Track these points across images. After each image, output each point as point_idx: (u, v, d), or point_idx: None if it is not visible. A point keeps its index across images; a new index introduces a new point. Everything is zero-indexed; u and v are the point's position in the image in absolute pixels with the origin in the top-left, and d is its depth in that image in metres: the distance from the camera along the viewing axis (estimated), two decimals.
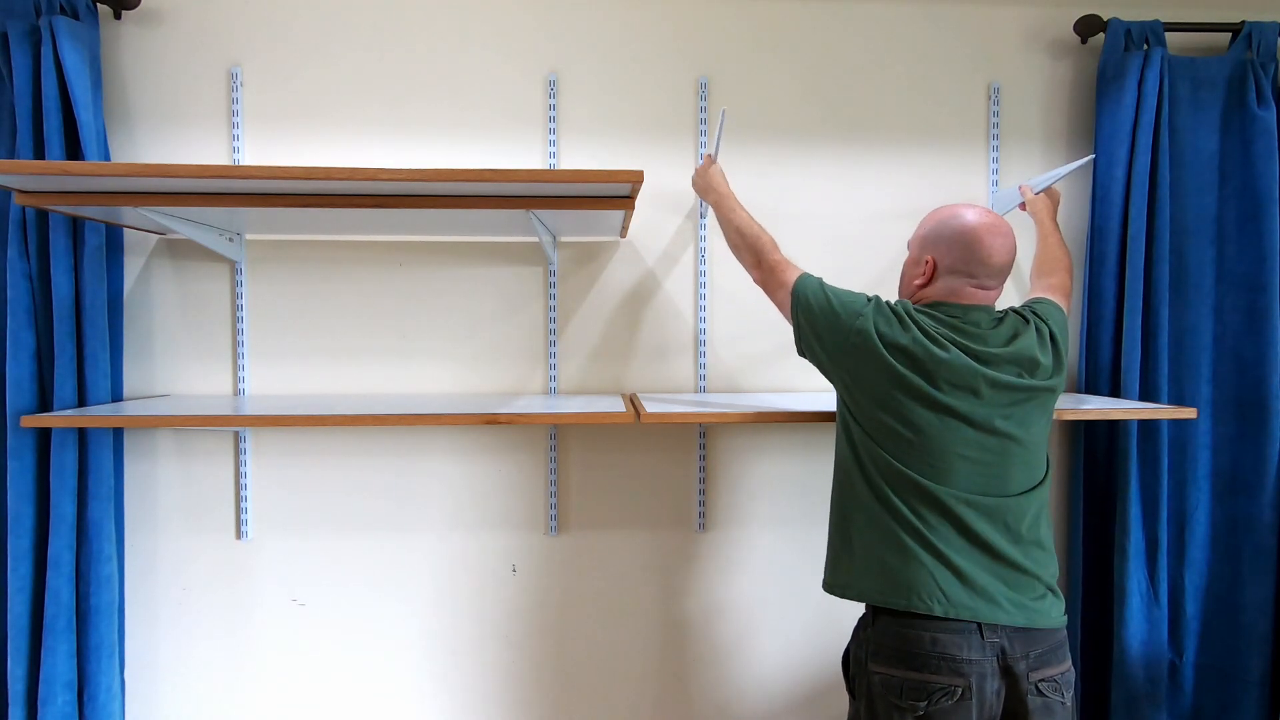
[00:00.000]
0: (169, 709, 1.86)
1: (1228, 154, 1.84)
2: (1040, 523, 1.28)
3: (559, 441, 1.88)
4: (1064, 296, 1.52)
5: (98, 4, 1.72)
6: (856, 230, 1.89)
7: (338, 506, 1.86)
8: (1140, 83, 1.79)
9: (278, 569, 1.86)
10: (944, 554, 1.22)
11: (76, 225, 1.68)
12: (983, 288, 1.31)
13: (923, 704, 1.20)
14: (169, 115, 1.80)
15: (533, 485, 1.89)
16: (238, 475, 1.84)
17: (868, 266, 1.90)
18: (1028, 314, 1.35)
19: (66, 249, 1.66)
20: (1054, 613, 1.24)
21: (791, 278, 1.40)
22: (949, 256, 1.30)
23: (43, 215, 1.67)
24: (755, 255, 1.48)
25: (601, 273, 1.88)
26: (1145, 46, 1.80)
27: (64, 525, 1.66)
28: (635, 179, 1.37)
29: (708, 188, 1.62)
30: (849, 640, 1.37)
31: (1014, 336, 1.29)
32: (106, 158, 1.71)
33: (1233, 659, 1.85)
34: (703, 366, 1.89)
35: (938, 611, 1.20)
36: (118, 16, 1.78)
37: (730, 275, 1.89)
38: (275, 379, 1.84)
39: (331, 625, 1.88)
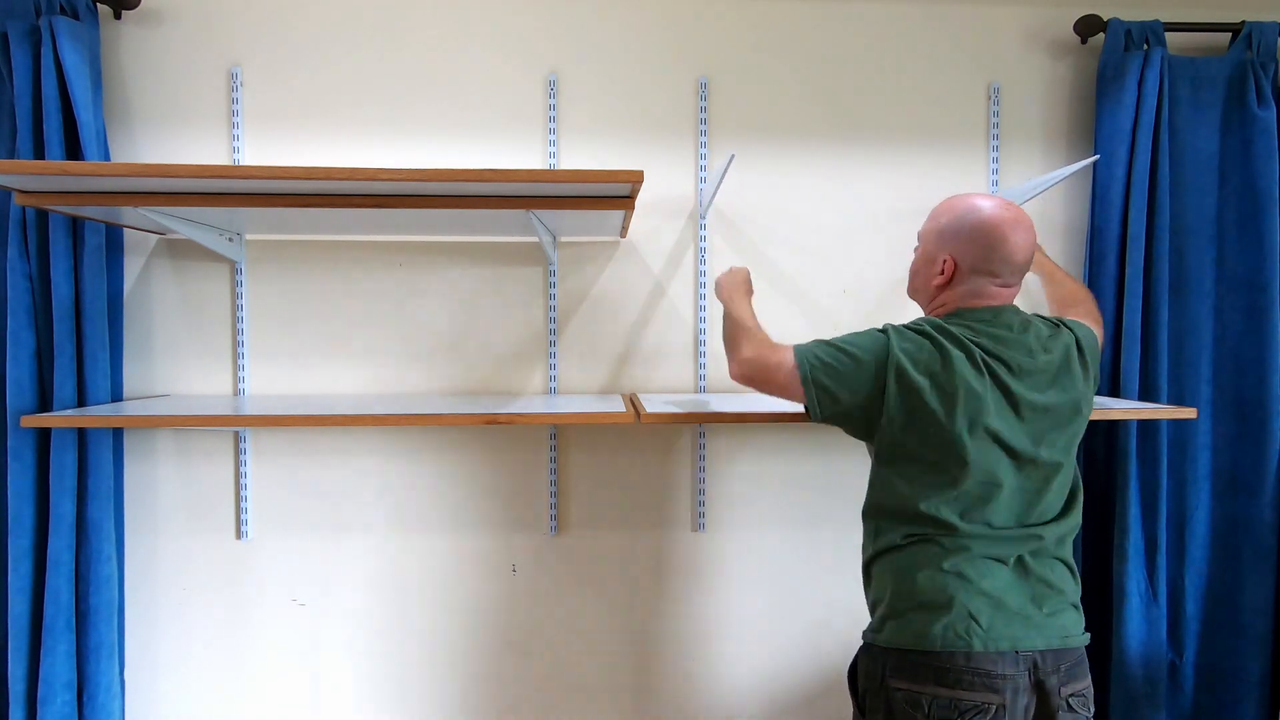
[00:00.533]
0: (169, 709, 1.86)
1: (1228, 154, 1.84)
2: (1068, 540, 1.25)
3: (559, 441, 1.88)
4: (1096, 323, 1.42)
5: (98, 4, 1.72)
6: (857, 230, 1.89)
7: (338, 506, 1.86)
8: (1140, 83, 1.78)
9: (278, 569, 1.86)
10: (980, 587, 1.17)
11: (76, 225, 1.68)
12: (1006, 285, 1.25)
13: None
14: (169, 115, 1.80)
15: (533, 485, 1.89)
16: (238, 475, 1.84)
17: (867, 266, 1.90)
18: (1055, 320, 1.30)
19: (66, 249, 1.66)
20: (1078, 629, 1.22)
21: (786, 353, 1.28)
22: (971, 254, 1.23)
23: (43, 215, 1.67)
24: (745, 336, 1.36)
25: (601, 273, 1.88)
26: (1145, 46, 1.80)
27: (64, 525, 1.66)
28: (635, 179, 1.37)
29: (729, 285, 1.50)
30: (856, 653, 1.30)
31: (1051, 341, 1.24)
32: (106, 158, 1.71)
33: (1233, 659, 1.85)
34: (703, 367, 1.89)
35: (976, 647, 1.14)
36: (118, 16, 1.78)
37: None
38: (275, 379, 1.84)
39: (331, 625, 1.88)
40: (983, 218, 1.23)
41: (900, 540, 1.23)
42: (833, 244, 1.89)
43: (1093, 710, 1.21)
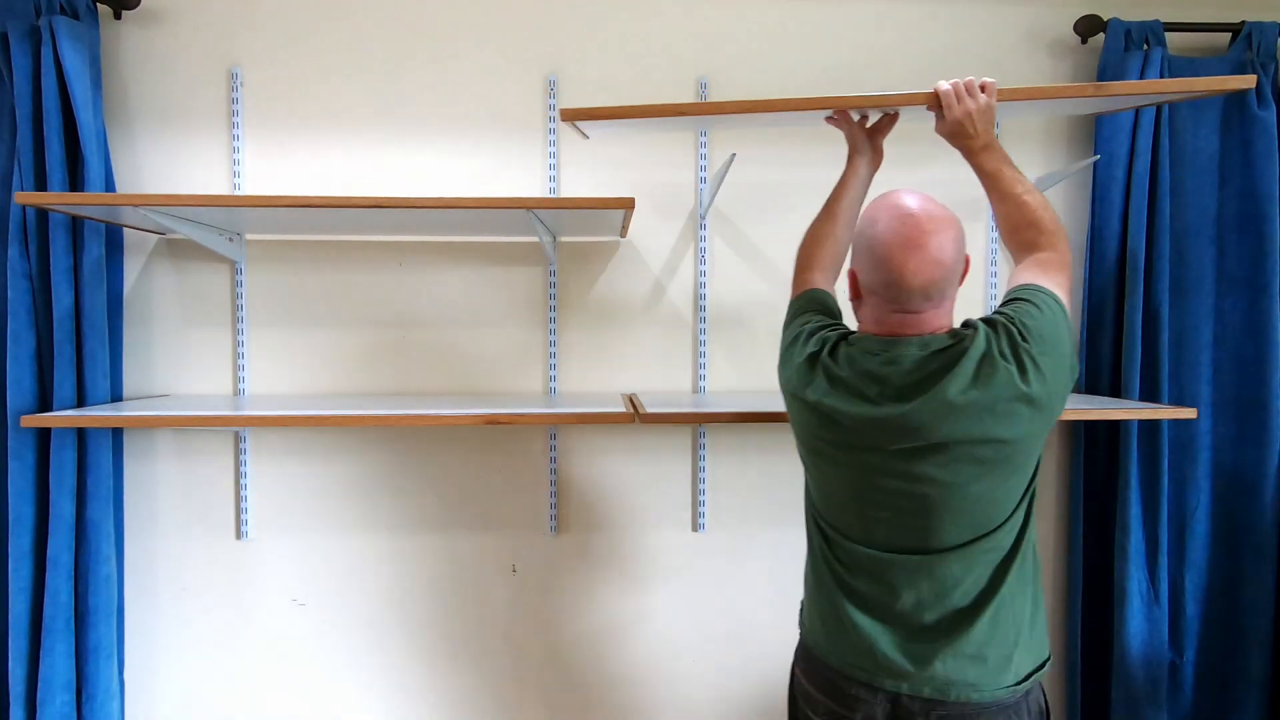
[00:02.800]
0: (169, 709, 1.86)
1: (1228, 154, 1.84)
2: (980, 583, 1.08)
3: (559, 441, 1.88)
4: (1053, 269, 1.13)
5: (98, 4, 1.72)
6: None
7: (338, 506, 1.86)
8: None
9: (278, 569, 1.86)
10: (850, 614, 1.13)
11: (76, 225, 1.68)
12: (908, 311, 1.07)
13: (818, 719, 1.19)
14: (169, 115, 1.80)
15: (533, 485, 1.89)
16: (238, 475, 1.84)
17: None
18: (981, 337, 1.04)
19: (66, 249, 1.66)
20: (979, 690, 1.07)
21: (799, 290, 1.29)
22: (864, 272, 1.10)
23: (43, 215, 1.67)
24: (801, 246, 1.34)
25: (601, 273, 1.88)
26: (1145, 46, 1.80)
27: (63, 525, 1.66)
28: (626, 205, 1.48)
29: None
30: None
31: (939, 377, 1.03)
32: (106, 158, 1.72)
33: (1233, 659, 1.85)
34: (702, 367, 1.89)
35: (833, 663, 1.16)
36: (118, 16, 1.78)
37: (730, 275, 1.89)
38: (275, 379, 1.84)
39: (331, 625, 1.87)
40: (874, 231, 1.07)
41: (809, 543, 1.27)
42: None
43: None
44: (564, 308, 1.87)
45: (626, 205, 1.49)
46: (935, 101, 1.27)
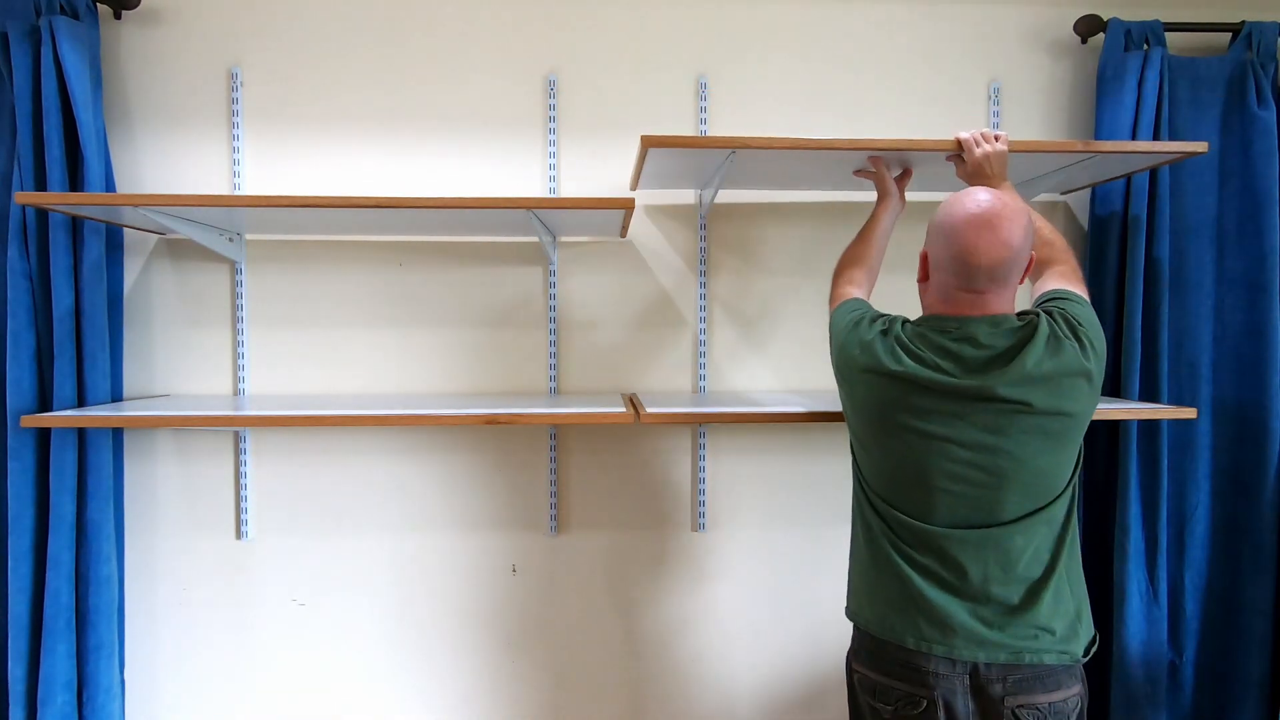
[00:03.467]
0: (169, 709, 1.86)
1: (1228, 154, 1.84)
2: (1042, 556, 1.15)
3: (559, 441, 1.88)
4: (1072, 279, 1.29)
5: (98, 4, 1.72)
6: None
7: (337, 506, 1.86)
8: (1140, 83, 1.78)
9: (278, 569, 1.86)
10: (924, 593, 1.16)
11: (76, 225, 1.68)
12: (975, 290, 1.15)
13: (890, 708, 1.19)
14: (169, 115, 1.80)
15: (533, 485, 1.89)
16: (238, 475, 1.84)
17: None
18: (1044, 320, 1.16)
19: (66, 249, 1.67)
20: (1048, 652, 1.14)
21: (836, 303, 1.38)
22: (937, 251, 1.19)
23: (43, 215, 1.67)
24: (839, 264, 1.48)
25: (601, 273, 1.88)
26: (1145, 46, 1.80)
27: (63, 525, 1.66)
28: (627, 205, 1.49)
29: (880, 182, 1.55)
30: None
31: (1017, 351, 1.13)
32: (106, 158, 1.72)
33: (1232, 659, 1.85)
34: (702, 367, 1.89)
35: (909, 645, 1.17)
36: (118, 16, 1.78)
37: (730, 275, 1.89)
38: (275, 379, 1.84)
39: (331, 625, 1.88)
40: (951, 212, 1.16)
41: (861, 527, 1.30)
42: (833, 243, 1.89)
43: None
44: (564, 307, 1.87)
45: (626, 205, 1.50)
46: (957, 147, 1.47)
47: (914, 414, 1.16)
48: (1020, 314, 1.19)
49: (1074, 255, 1.35)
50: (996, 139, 1.43)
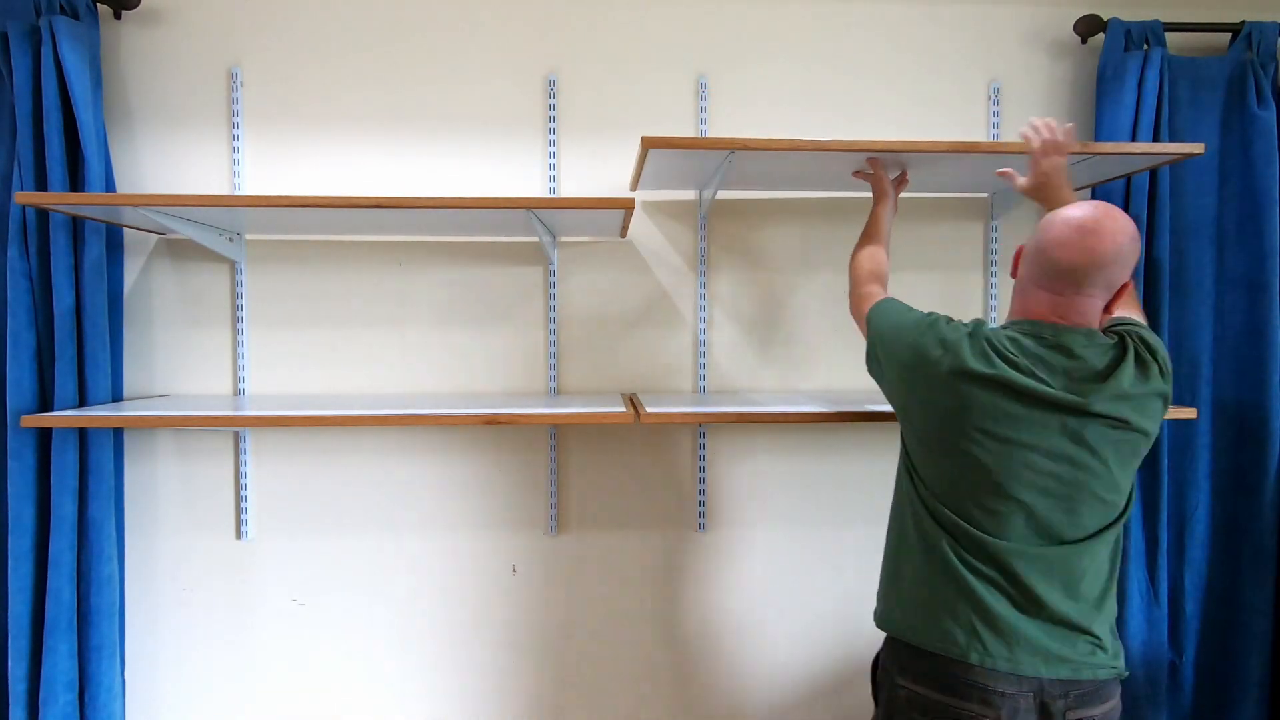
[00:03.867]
0: (169, 709, 1.86)
1: (1228, 154, 1.84)
2: (1101, 573, 1.17)
3: (559, 441, 1.88)
4: (1135, 307, 1.31)
5: (98, 4, 1.72)
6: (859, 231, 1.89)
7: (338, 506, 1.86)
8: (1140, 83, 1.78)
9: (278, 569, 1.86)
10: (990, 607, 1.14)
11: (77, 225, 1.68)
12: (1075, 294, 1.15)
13: None
14: (169, 115, 1.80)
15: (533, 485, 1.89)
16: (238, 475, 1.84)
17: None
18: (1130, 341, 1.17)
19: (67, 249, 1.67)
20: (1103, 667, 1.16)
21: (869, 307, 1.34)
22: (1047, 249, 1.16)
23: (43, 215, 1.67)
24: (854, 269, 1.46)
25: (601, 273, 1.88)
26: (1145, 46, 1.80)
27: (65, 525, 1.66)
28: (627, 205, 1.49)
29: (878, 184, 1.57)
30: (881, 647, 1.31)
31: (1113, 368, 1.13)
32: (106, 158, 1.72)
33: (1232, 659, 1.85)
34: (703, 367, 1.89)
35: (973, 660, 1.13)
36: (118, 16, 1.78)
37: (730, 275, 1.89)
38: (275, 379, 1.84)
39: (331, 625, 1.88)
40: (1054, 216, 1.17)
41: (915, 539, 1.24)
42: (833, 244, 1.89)
43: None
44: (564, 307, 1.87)
45: (626, 205, 1.50)
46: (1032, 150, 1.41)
47: (1000, 420, 1.13)
48: (1104, 332, 1.20)
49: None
50: (1055, 147, 1.39)
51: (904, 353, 1.23)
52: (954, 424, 1.16)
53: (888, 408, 1.54)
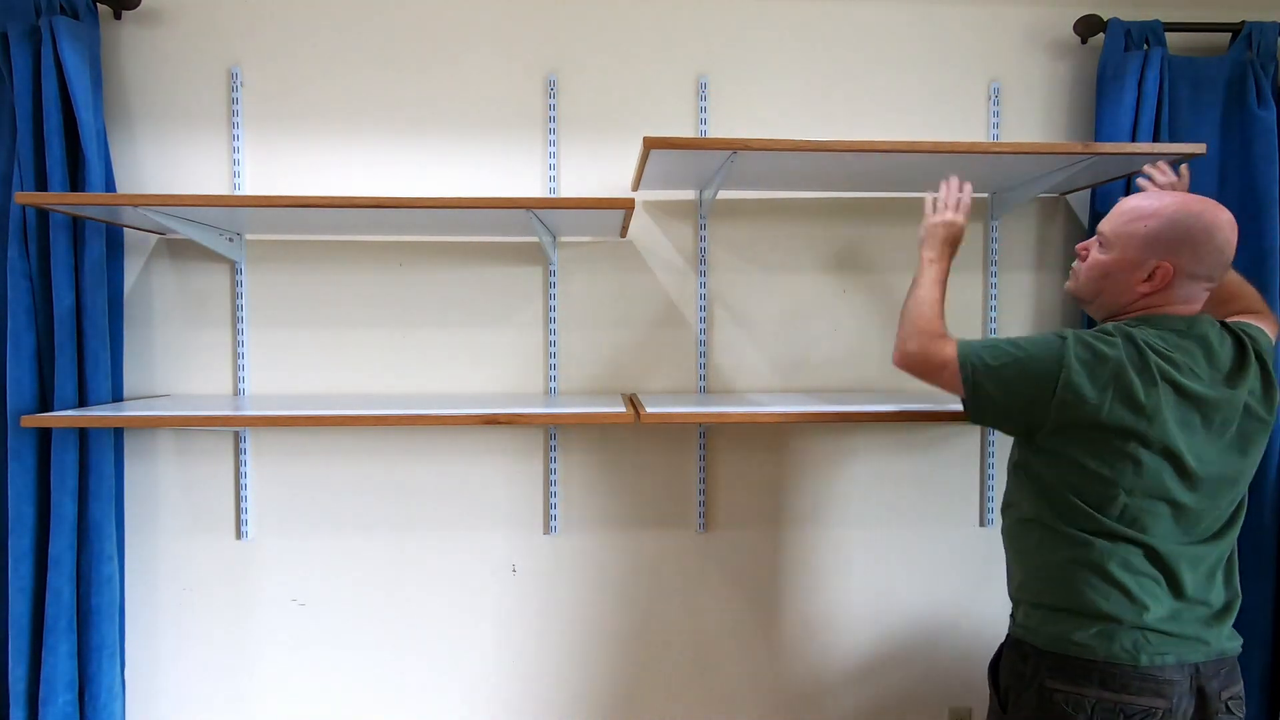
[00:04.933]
0: (169, 709, 1.87)
1: (1228, 155, 1.84)
2: (1233, 560, 1.24)
3: (559, 441, 1.89)
4: (1269, 322, 1.32)
5: (98, 4, 1.72)
6: (859, 231, 1.89)
7: (338, 506, 1.86)
8: (1140, 83, 1.78)
9: (278, 569, 1.86)
10: (1150, 608, 1.16)
11: (77, 225, 1.68)
12: (1212, 285, 1.21)
13: None
14: (169, 115, 1.80)
15: (532, 485, 1.89)
16: (238, 475, 1.84)
17: (873, 266, 1.90)
18: (1233, 327, 1.22)
19: (67, 249, 1.67)
20: (1237, 641, 1.23)
21: (951, 350, 1.27)
22: (1196, 261, 1.17)
23: (43, 215, 1.67)
24: (917, 323, 1.34)
25: (601, 273, 1.88)
26: (1145, 46, 1.80)
27: (65, 525, 1.66)
28: (627, 205, 1.49)
29: (931, 240, 1.43)
30: (999, 649, 1.32)
31: (1243, 361, 1.19)
32: (106, 158, 1.72)
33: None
34: (703, 367, 1.89)
35: (1143, 662, 1.15)
36: (118, 16, 1.78)
37: (730, 276, 1.89)
38: (275, 379, 1.84)
39: (331, 625, 1.88)
40: (1205, 222, 1.17)
41: (1064, 550, 1.23)
42: (834, 244, 1.89)
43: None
44: (564, 308, 1.87)
45: (626, 205, 1.50)
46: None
47: (1172, 423, 1.15)
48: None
49: None
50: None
51: (1057, 387, 1.17)
52: (1117, 434, 1.15)
53: (888, 408, 1.55)
